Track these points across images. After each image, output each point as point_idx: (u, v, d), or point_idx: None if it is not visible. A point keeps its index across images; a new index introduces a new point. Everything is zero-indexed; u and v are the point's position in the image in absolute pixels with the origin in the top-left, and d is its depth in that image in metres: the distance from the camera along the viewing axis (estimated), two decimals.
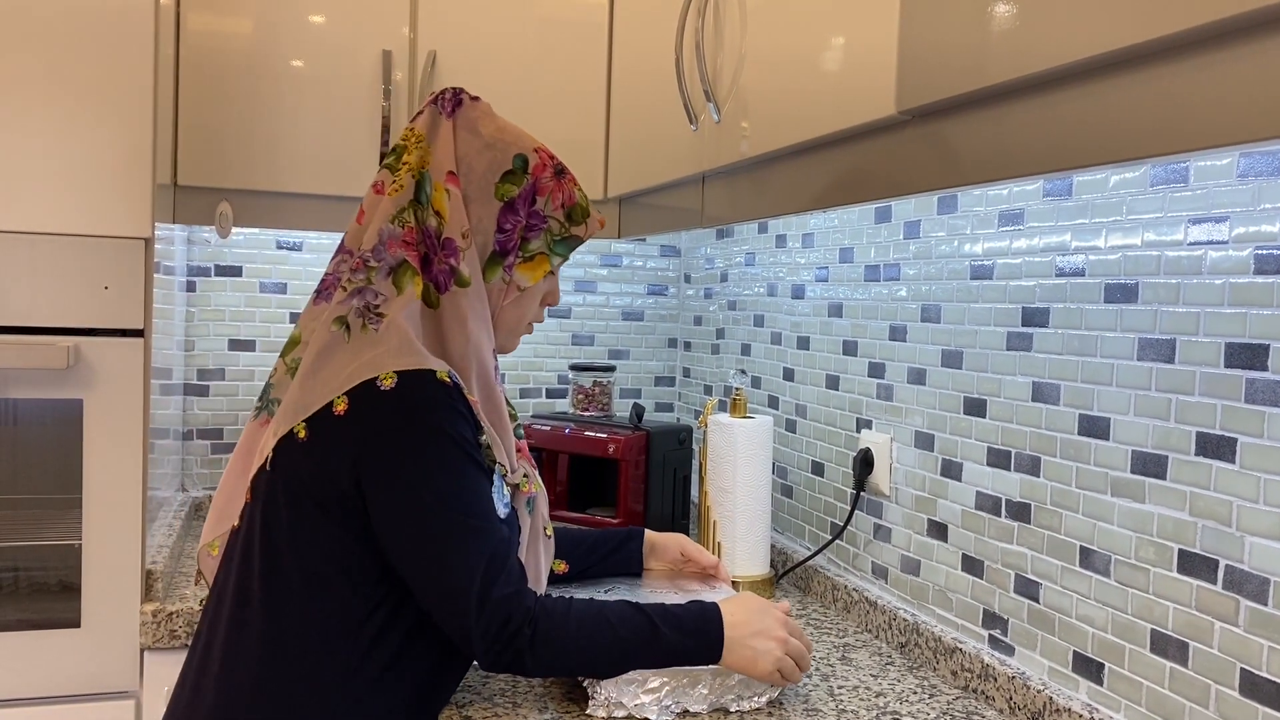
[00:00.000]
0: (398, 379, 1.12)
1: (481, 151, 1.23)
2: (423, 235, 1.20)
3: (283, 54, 1.94)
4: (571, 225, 1.26)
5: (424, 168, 1.22)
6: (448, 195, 1.21)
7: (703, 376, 2.38)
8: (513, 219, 1.23)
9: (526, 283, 1.26)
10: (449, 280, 1.20)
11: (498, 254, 1.23)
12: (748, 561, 1.76)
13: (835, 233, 1.79)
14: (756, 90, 1.29)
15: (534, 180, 1.24)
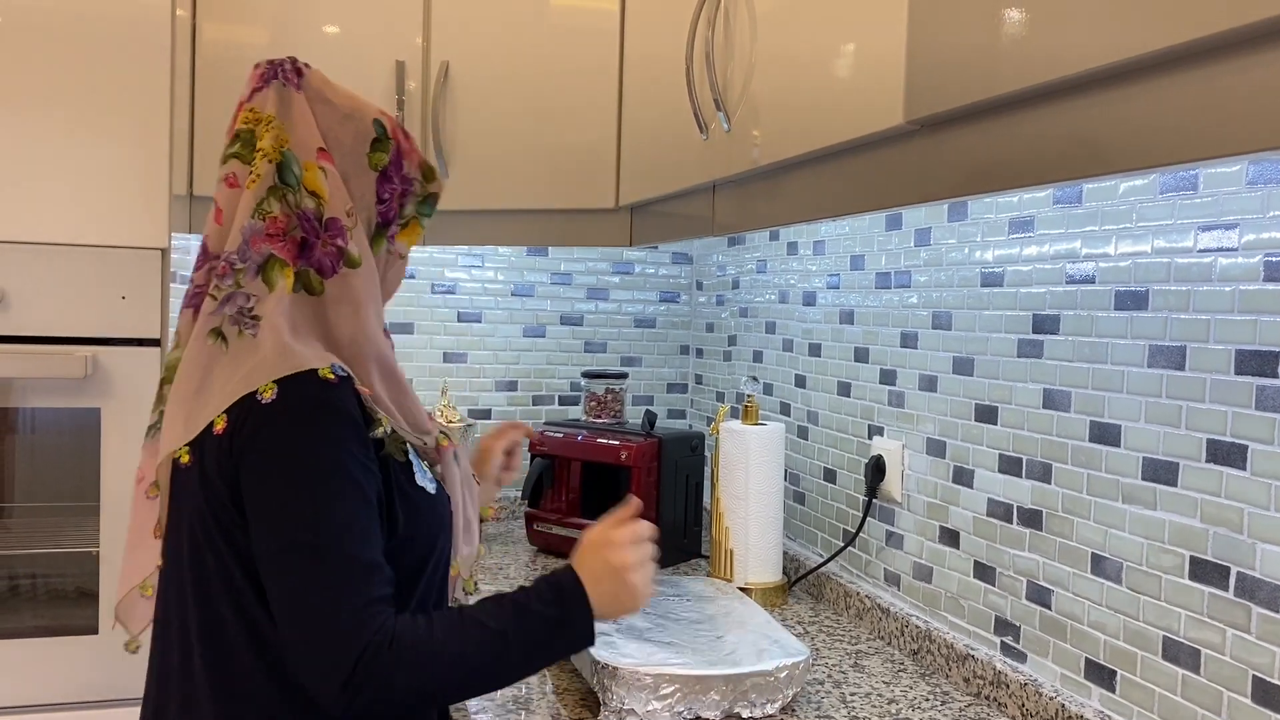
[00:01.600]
0: (278, 390, 1.04)
1: (343, 123, 1.16)
2: (299, 220, 1.11)
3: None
4: (428, 184, 1.23)
5: (283, 148, 1.13)
6: (324, 174, 1.13)
7: (715, 383, 2.38)
8: (389, 187, 1.18)
9: (406, 249, 1.23)
10: (337, 262, 1.12)
11: (381, 226, 1.19)
12: (760, 568, 1.77)
13: (846, 240, 1.80)
14: (767, 99, 1.29)
15: (397, 145, 1.19)
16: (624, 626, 1.41)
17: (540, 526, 2.09)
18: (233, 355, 1.08)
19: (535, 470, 2.08)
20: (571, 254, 2.45)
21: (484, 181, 1.99)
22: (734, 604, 1.54)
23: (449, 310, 2.40)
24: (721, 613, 1.49)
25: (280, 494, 1.02)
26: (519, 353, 2.44)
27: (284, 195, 1.12)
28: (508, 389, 2.44)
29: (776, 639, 1.38)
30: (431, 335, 2.39)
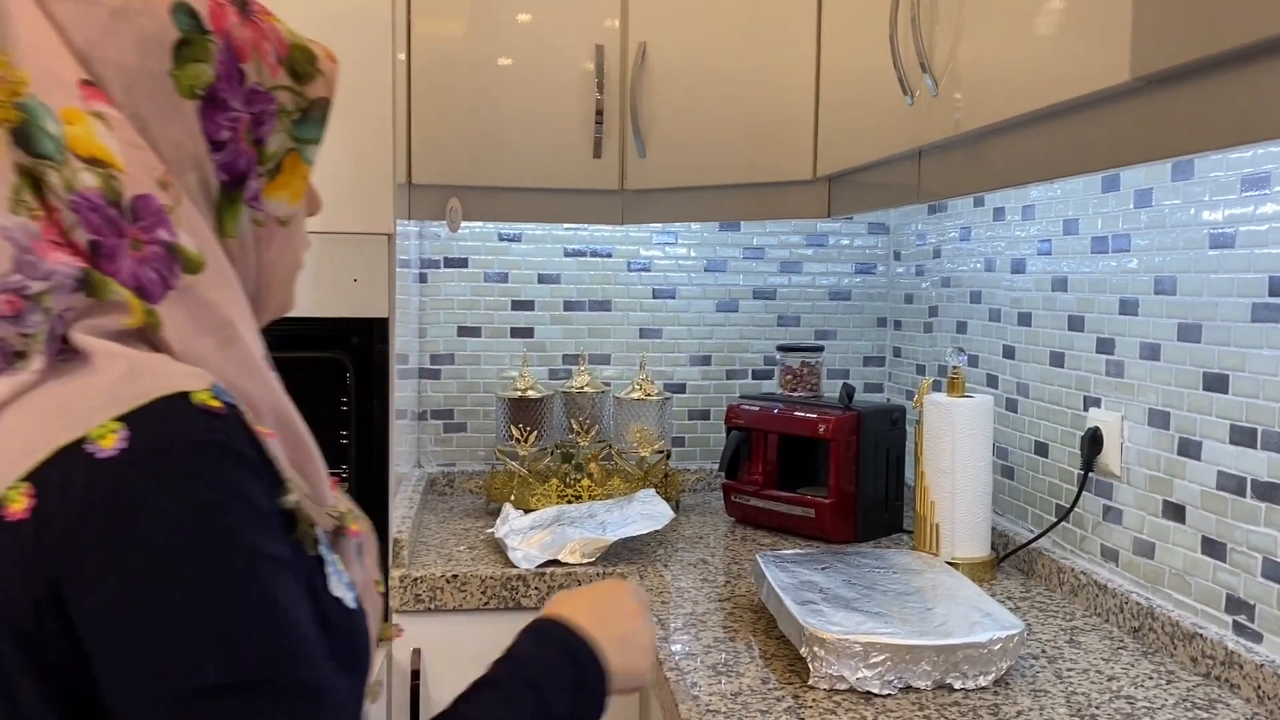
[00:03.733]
0: (127, 430, 0.62)
1: (113, 27, 0.67)
2: (77, 212, 0.67)
3: (496, 53, 2.04)
4: (305, 85, 0.76)
5: (15, 99, 0.67)
6: (103, 125, 0.67)
7: (914, 356, 2.34)
8: (227, 119, 0.71)
9: (288, 208, 0.77)
10: (170, 269, 0.68)
11: (229, 186, 0.73)
12: (968, 544, 1.74)
13: (1058, 204, 1.73)
14: (977, 61, 1.27)
15: (225, 41, 0.71)
16: (830, 596, 1.42)
17: (738, 498, 2.12)
18: (43, 388, 0.65)
19: (732, 442, 2.10)
20: (764, 228, 2.45)
21: (680, 160, 2.02)
22: (942, 577, 1.52)
23: (644, 287, 2.45)
24: (929, 585, 1.48)
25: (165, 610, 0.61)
26: (712, 327, 2.47)
27: (42, 175, 0.67)
28: (702, 363, 2.47)
29: (989, 612, 1.36)
30: (627, 312, 2.45)
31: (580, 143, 2.06)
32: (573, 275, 2.42)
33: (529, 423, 2.19)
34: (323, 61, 0.78)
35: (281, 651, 0.63)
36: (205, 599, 0.61)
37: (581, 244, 2.42)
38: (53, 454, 0.62)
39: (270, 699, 0.62)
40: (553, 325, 2.42)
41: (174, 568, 0.61)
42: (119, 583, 0.61)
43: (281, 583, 0.65)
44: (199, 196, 0.71)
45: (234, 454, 0.65)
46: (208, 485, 0.63)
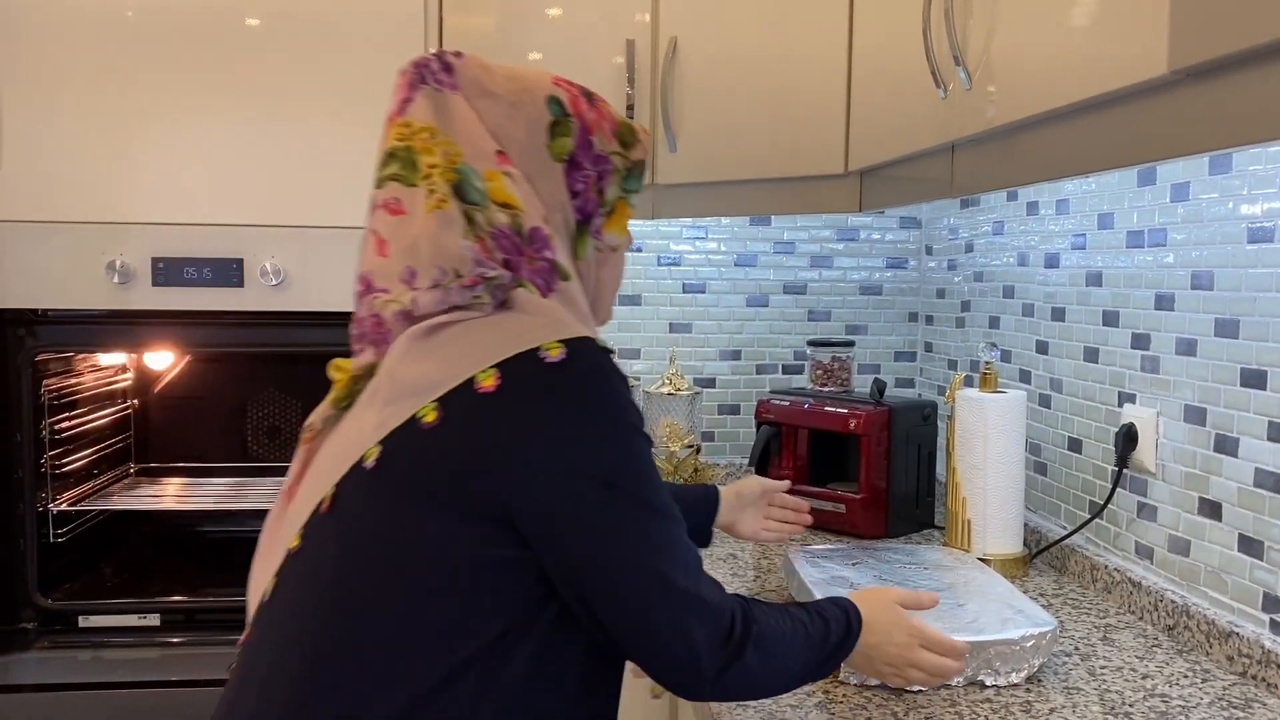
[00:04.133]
0: (565, 349, 0.91)
1: (511, 115, 0.99)
2: (495, 240, 0.96)
3: (526, 48, 2.04)
4: (630, 151, 1.05)
5: (456, 164, 0.97)
6: (510, 180, 0.97)
7: (946, 351, 2.33)
8: (581, 176, 1.01)
9: (617, 240, 1.06)
10: (551, 278, 0.98)
11: (582, 223, 1.03)
12: (1000, 539, 1.73)
13: (1093, 198, 1.72)
14: (1011, 53, 1.25)
15: (580, 121, 1.01)
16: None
17: None
18: (490, 320, 0.94)
19: (762, 437, 2.10)
20: (794, 222, 2.45)
21: (710, 154, 2.02)
22: (974, 573, 1.51)
23: (674, 282, 2.45)
24: (961, 581, 1.47)
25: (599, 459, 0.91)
26: (742, 322, 2.47)
27: (472, 217, 0.96)
28: (732, 358, 2.47)
29: (1020, 608, 1.35)
30: (658, 306, 2.45)
31: None
32: None
33: None
34: (640, 133, 1.07)
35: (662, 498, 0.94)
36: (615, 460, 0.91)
37: None
38: (515, 354, 0.91)
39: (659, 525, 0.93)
40: None
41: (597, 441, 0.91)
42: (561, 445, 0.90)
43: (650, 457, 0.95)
44: (563, 231, 1.02)
45: (623, 379, 0.94)
46: (617, 390, 0.93)
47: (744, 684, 0.98)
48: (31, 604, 1.86)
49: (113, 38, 1.71)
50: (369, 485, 0.91)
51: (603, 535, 0.91)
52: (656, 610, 0.92)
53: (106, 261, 1.67)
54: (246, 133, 1.69)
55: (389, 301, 0.97)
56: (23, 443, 1.83)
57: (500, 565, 0.90)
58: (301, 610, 0.92)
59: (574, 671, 0.95)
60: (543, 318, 0.94)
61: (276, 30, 1.69)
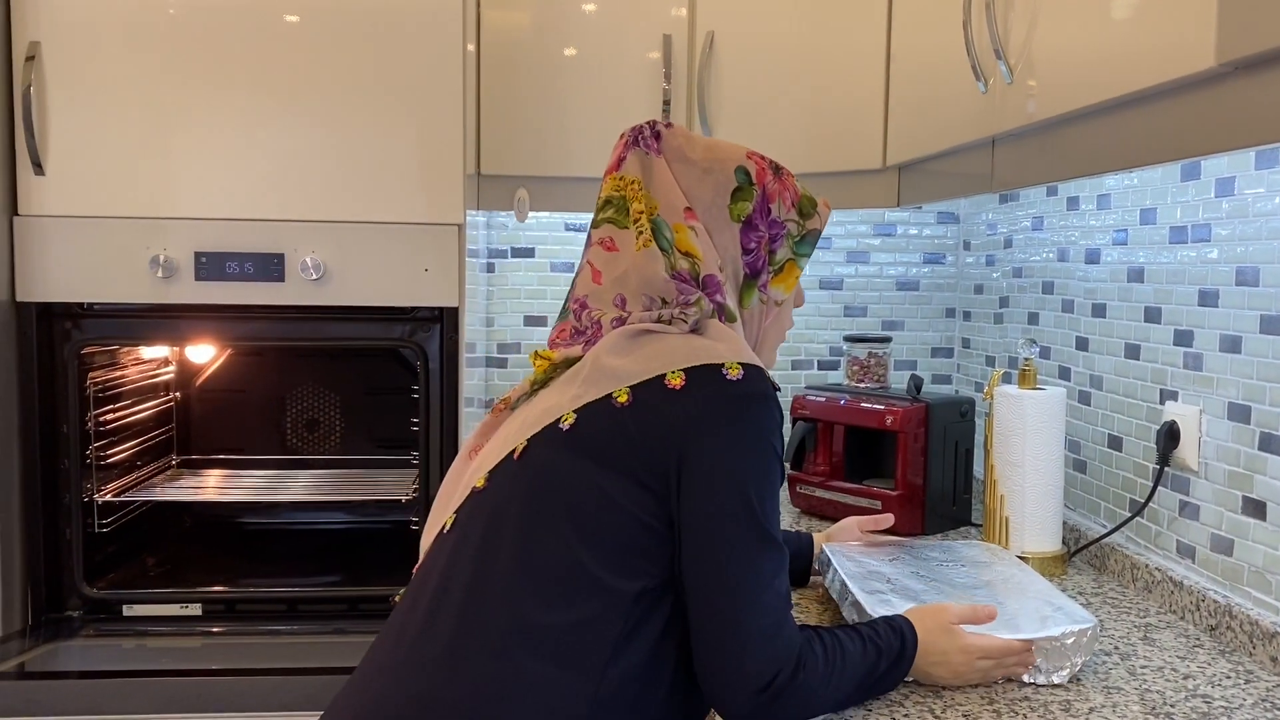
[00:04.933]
0: (743, 371, 1.06)
1: (701, 179, 1.17)
2: (676, 281, 1.14)
3: (563, 43, 2.05)
4: (806, 220, 1.21)
5: (653, 215, 1.15)
6: (693, 233, 1.15)
7: (984, 347, 2.31)
8: (755, 236, 1.18)
9: (783, 295, 1.21)
10: (721, 316, 1.15)
11: (750, 277, 1.18)
12: (1038, 538, 1.71)
13: (1135, 193, 1.70)
14: (1053, 47, 1.24)
15: (762, 190, 1.18)
16: (899, 588, 1.41)
17: (803, 489, 2.11)
18: (682, 336, 1.10)
19: (798, 433, 2.09)
20: (831, 217, 2.44)
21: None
22: (1012, 571, 1.50)
23: None
24: (1000, 579, 1.46)
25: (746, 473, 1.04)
26: None
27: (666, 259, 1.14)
28: None
29: (1060, 606, 1.34)
30: None
31: None
32: None
33: None
34: (821, 207, 1.22)
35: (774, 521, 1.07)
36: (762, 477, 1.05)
37: None
38: (701, 365, 1.06)
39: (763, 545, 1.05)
40: None
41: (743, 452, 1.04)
42: (716, 443, 1.03)
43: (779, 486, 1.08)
44: (733, 281, 1.17)
45: (780, 414, 1.08)
46: (776, 420, 1.07)
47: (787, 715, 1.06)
48: (77, 593, 1.89)
49: (156, 36, 1.73)
50: (561, 441, 1.08)
51: (722, 543, 1.03)
52: (731, 631, 1.03)
53: (150, 256, 1.69)
54: (287, 129, 1.71)
55: (605, 313, 1.15)
56: (69, 434, 1.86)
57: (650, 531, 1.05)
58: (478, 537, 1.08)
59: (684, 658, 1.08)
60: (728, 343, 1.09)
61: (315, 26, 1.71)
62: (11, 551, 1.82)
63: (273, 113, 1.71)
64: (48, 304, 1.80)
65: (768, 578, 1.04)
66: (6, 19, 1.73)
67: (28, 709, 1.63)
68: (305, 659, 1.37)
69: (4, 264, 1.76)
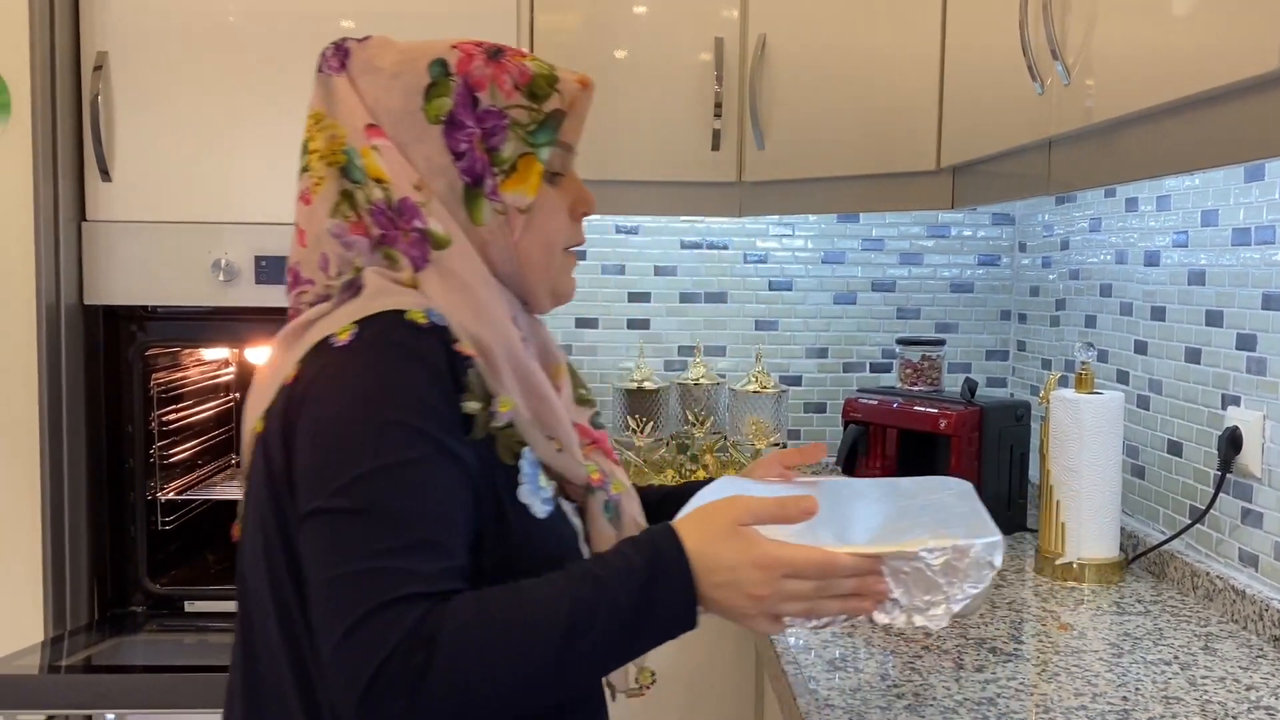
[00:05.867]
0: (355, 330, 0.88)
1: (389, 85, 0.96)
2: (373, 215, 0.94)
3: (614, 46, 2.06)
4: (541, 103, 0.96)
5: (341, 147, 0.96)
6: (378, 153, 0.94)
7: (1040, 350, 2.28)
8: (463, 136, 0.95)
9: (525, 200, 0.96)
10: (424, 248, 0.93)
11: (472, 186, 0.95)
12: (1095, 544, 1.69)
13: (1196, 194, 1.66)
14: (1112, 47, 1.23)
15: (463, 79, 0.95)
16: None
17: None
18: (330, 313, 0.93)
19: (850, 436, 2.08)
20: (884, 219, 2.42)
21: (799, 151, 2.01)
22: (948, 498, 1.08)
23: (760, 279, 2.45)
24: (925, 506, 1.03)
25: (326, 445, 0.86)
26: (829, 320, 2.45)
27: (352, 196, 0.95)
28: (818, 356, 2.45)
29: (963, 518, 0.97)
30: (743, 304, 2.45)
31: (698, 135, 2.06)
32: (689, 267, 2.43)
33: (645, 413, 2.21)
34: (564, 84, 0.98)
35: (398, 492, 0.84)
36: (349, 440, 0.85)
37: (698, 236, 2.42)
38: (317, 343, 0.90)
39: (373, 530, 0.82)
40: (669, 317, 2.44)
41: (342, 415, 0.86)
42: (313, 421, 0.87)
43: (420, 447, 0.85)
44: (449, 196, 0.95)
45: (419, 357, 0.87)
46: (387, 366, 0.87)
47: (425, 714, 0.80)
48: (141, 589, 1.94)
49: (216, 44, 1.77)
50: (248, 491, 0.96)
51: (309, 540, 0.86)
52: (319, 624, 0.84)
53: (212, 260, 1.73)
54: None
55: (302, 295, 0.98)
56: (134, 434, 1.91)
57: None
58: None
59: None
60: (362, 301, 0.90)
61: (370, 32, 1.73)
62: (79, 548, 1.87)
63: None
64: (113, 307, 1.85)
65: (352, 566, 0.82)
66: (75, 30, 1.78)
67: (94, 701, 1.67)
68: None
69: (73, 268, 1.81)
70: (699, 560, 0.86)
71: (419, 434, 0.85)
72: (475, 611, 0.82)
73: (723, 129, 2.04)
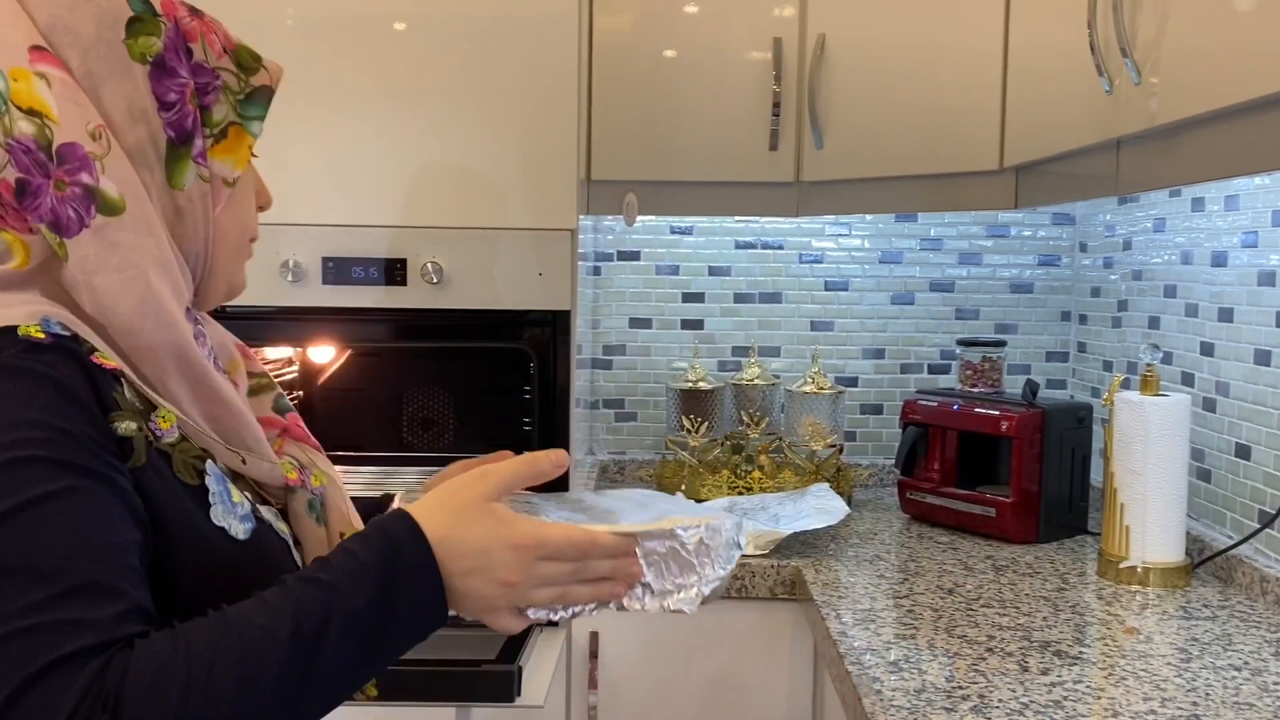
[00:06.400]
0: None
1: (74, 6, 0.79)
2: (11, 153, 0.77)
3: (671, 47, 2.06)
4: (249, 75, 0.87)
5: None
6: (45, 82, 0.77)
7: (1101, 352, 2.25)
8: (175, 85, 0.81)
9: (233, 172, 0.86)
10: (85, 209, 0.77)
11: (177, 141, 0.82)
12: (1160, 547, 1.67)
13: (1266, 193, 1.64)
14: (1184, 45, 1.21)
15: (174, 23, 0.82)
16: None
17: (914, 495, 2.09)
18: None
19: (908, 439, 2.07)
20: (942, 218, 2.40)
21: (858, 150, 2.00)
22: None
23: (816, 279, 2.44)
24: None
25: None
26: (886, 320, 2.44)
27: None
28: (875, 357, 2.44)
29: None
30: (798, 304, 2.44)
31: (756, 135, 2.07)
32: (743, 268, 2.44)
33: (700, 414, 2.22)
34: (268, 62, 0.89)
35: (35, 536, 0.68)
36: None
37: (753, 236, 2.42)
38: None
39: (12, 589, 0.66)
40: (723, 317, 2.44)
41: None
42: None
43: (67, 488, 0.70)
44: (148, 149, 0.81)
45: (48, 379, 0.72)
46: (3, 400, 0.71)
47: None
48: None
49: (280, 45, 1.78)
50: None
51: None
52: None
53: (280, 261, 1.76)
54: (407, 136, 1.76)
55: None
56: None
57: None
58: None
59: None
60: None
61: (436, 34, 1.76)
62: None
63: (393, 120, 1.76)
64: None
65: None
66: None
67: None
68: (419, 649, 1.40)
69: None
70: (443, 547, 0.76)
71: (56, 465, 0.70)
72: (169, 653, 0.68)
73: (780, 128, 2.04)
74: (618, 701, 1.81)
